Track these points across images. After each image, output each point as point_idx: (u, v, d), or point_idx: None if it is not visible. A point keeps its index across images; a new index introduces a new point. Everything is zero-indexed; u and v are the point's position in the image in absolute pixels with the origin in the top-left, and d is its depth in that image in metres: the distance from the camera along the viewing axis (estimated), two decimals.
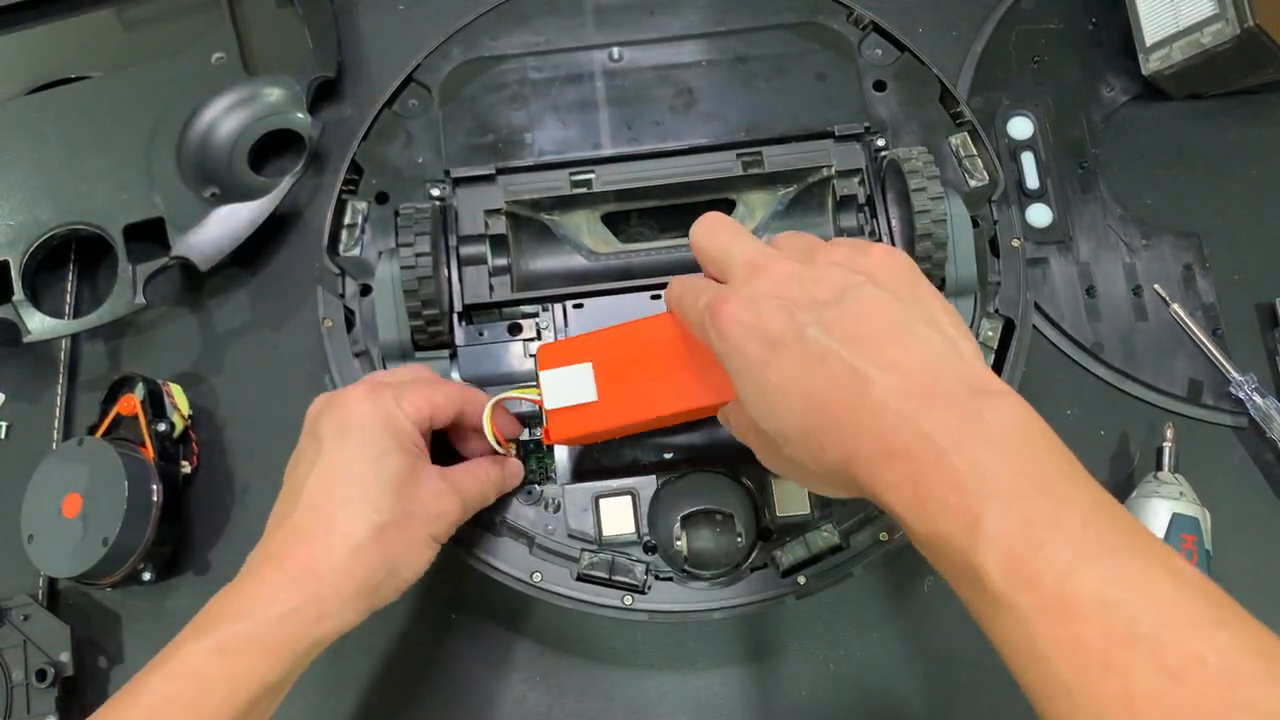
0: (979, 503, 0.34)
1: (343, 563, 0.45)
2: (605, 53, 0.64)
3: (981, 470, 0.35)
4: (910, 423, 0.36)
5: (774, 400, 0.40)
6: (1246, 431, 0.63)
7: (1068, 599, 0.32)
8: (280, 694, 0.46)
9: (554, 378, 0.50)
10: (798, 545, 0.55)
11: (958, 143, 0.61)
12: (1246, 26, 0.64)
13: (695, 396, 0.48)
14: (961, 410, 0.36)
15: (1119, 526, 0.34)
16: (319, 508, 0.47)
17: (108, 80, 0.71)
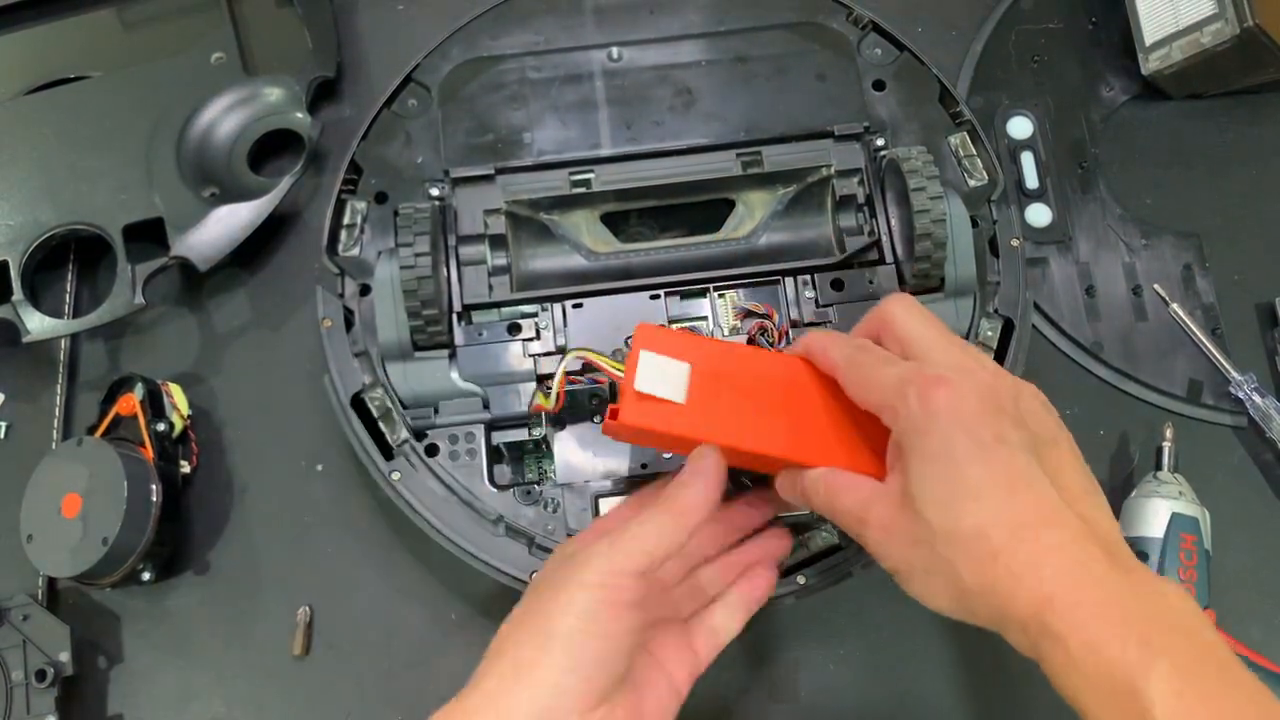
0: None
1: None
2: (605, 52, 0.64)
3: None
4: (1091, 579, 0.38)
5: (961, 495, 0.39)
6: (1246, 431, 0.63)
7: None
8: None
9: (651, 362, 0.47)
10: (798, 545, 0.54)
11: (957, 142, 0.61)
12: (1246, 26, 0.64)
13: (796, 448, 0.46)
14: (1138, 587, 0.38)
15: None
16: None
17: (108, 80, 0.71)
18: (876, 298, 0.57)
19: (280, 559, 0.62)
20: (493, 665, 0.43)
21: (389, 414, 0.57)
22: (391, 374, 0.57)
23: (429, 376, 0.57)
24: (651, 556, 0.43)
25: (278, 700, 0.59)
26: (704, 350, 0.48)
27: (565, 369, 0.53)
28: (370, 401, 0.57)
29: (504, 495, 0.56)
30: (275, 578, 0.61)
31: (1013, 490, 0.39)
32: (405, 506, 0.56)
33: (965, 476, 0.39)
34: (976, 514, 0.39)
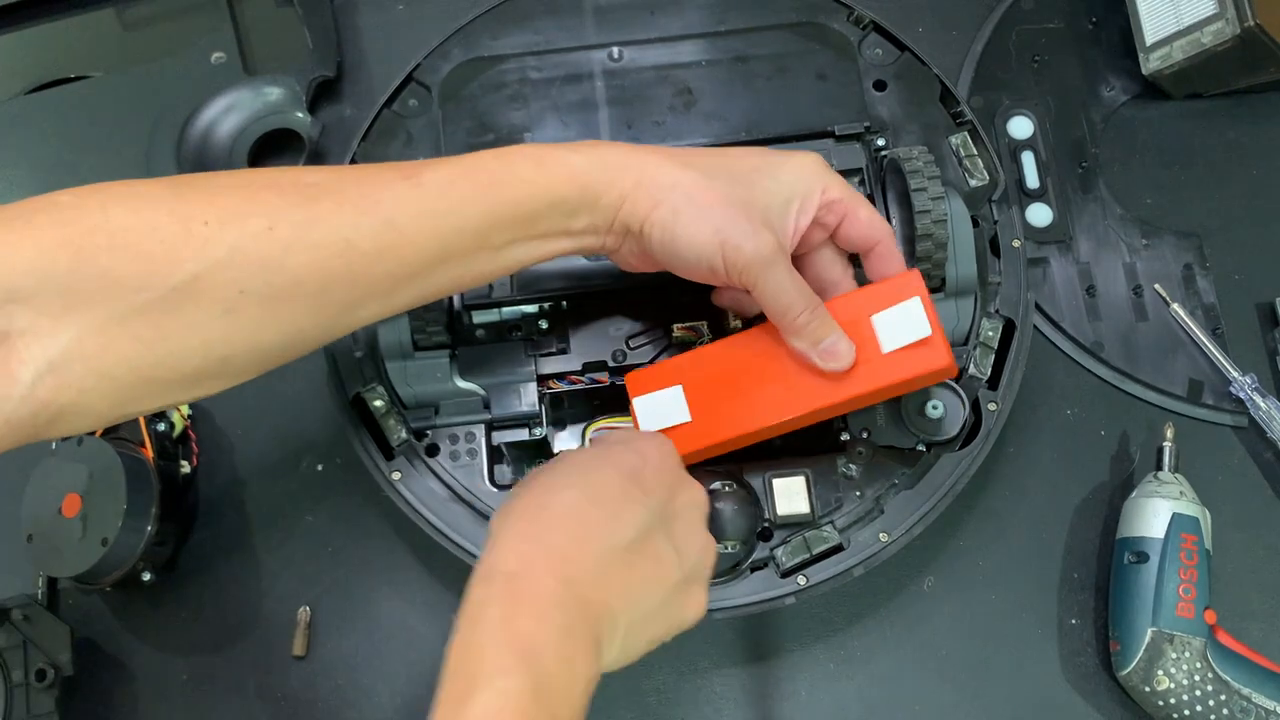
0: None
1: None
2: (605, 52, 0.64)
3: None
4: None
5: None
6: (1246, 431, 0.63)
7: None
8: None
9: (646, 403, 0.53)
10: (798, 545, 0.55)
11: (958, 142, 0.61)
12: (1246, 26, 0.64)
13: (793, 405, 0.50)
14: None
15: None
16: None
17: (108, 80, 0.71)
18: None
19: (280, 559, 0.62)
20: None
21: (389, 414, 0.57)
22: (391, 374, 0.57)
23: (429, 376, 0.57)
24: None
25: (278, 700, 0.59)
26: (685, 366, 0.53)
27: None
28: (370, 401, 0.57)
29: (504, 495, 0.55)
30: (275, 578, 0.61)
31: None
32: (405, 506, 0.56)
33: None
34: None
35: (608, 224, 0.47)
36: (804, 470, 0.56)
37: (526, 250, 0.47)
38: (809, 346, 0.49)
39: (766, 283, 0.47)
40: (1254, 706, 0.54)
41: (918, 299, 0.48)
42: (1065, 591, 0.60)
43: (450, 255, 0.45)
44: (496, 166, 0.46)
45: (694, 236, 0.46)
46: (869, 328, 0.49)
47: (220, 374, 0.43)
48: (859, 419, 0.56)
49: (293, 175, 0.44)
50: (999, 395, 0.58)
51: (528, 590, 0.41)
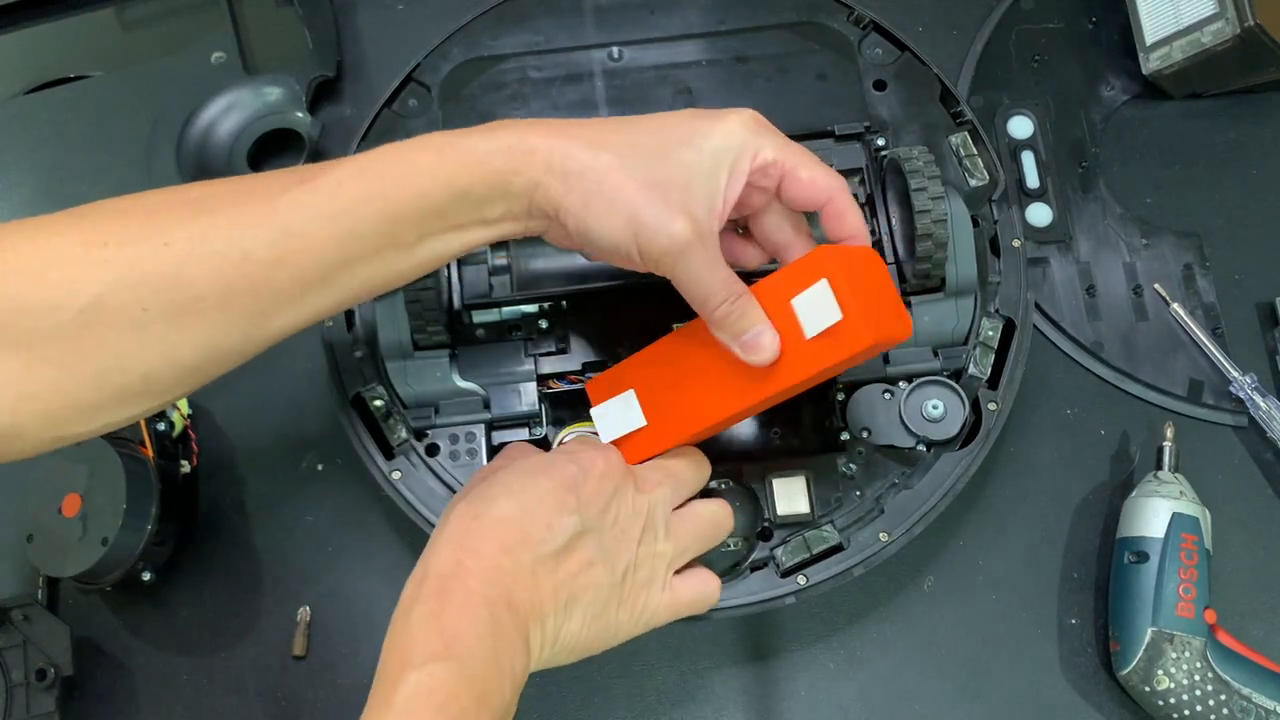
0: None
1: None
2: (605, 52, 0.64)
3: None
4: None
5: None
6: (1246, 431, 0.63)
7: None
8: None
9: (603, 411, 0.52)
10: (798, 545, 0.55)
11: (958, 142, 0.61)
12: (1246, 26, 0.64)
13: (736, 400, 0.48)
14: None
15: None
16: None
17: (108, 80, 0.71)
18: None
19: (280, 559, 0.62)
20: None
21: (389, 414, 0.57)
22: (391, 374, 0.57)
23: (429, 376, 0.57)
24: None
25: (278, 700, 0.59)
26: (638, 367, 0.52)
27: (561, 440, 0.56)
28: (370, 401, 0.57)
29: None
30: (275, 578, 0.61)
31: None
32: (406, 506, 0.56)
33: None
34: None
35: (524, 210, 0.46)
36: (804, 470, 0.56)
37: (444, 244, 0.46)
38: (730, 339, 0.46)
39: (683, 273, 0.45)
40: (1254, 706, 0.54)
41: (824, 281, 0.45)
42: (1065, 591, 0.60)
43: (354, 257, 0.44)
44: (394, 160, 0.44)
45: (606, 228, 0.44)
46: (791, 312, 0.46)
47: (146, 392, 0.44)
48: (858, 418, 0.56)
49: (191, 191, 0.45)
50: (999, 395, 0.58)
51: (457, 590, 0.43)
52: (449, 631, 0.42)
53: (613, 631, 0.48)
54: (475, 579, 0.44)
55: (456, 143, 0.45)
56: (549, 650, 0.46)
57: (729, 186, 0.45)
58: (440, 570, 0.44)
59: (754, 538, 0.54)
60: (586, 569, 0.46)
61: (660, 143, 0.45)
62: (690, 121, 0.46)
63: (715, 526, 0.51)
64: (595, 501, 0.47)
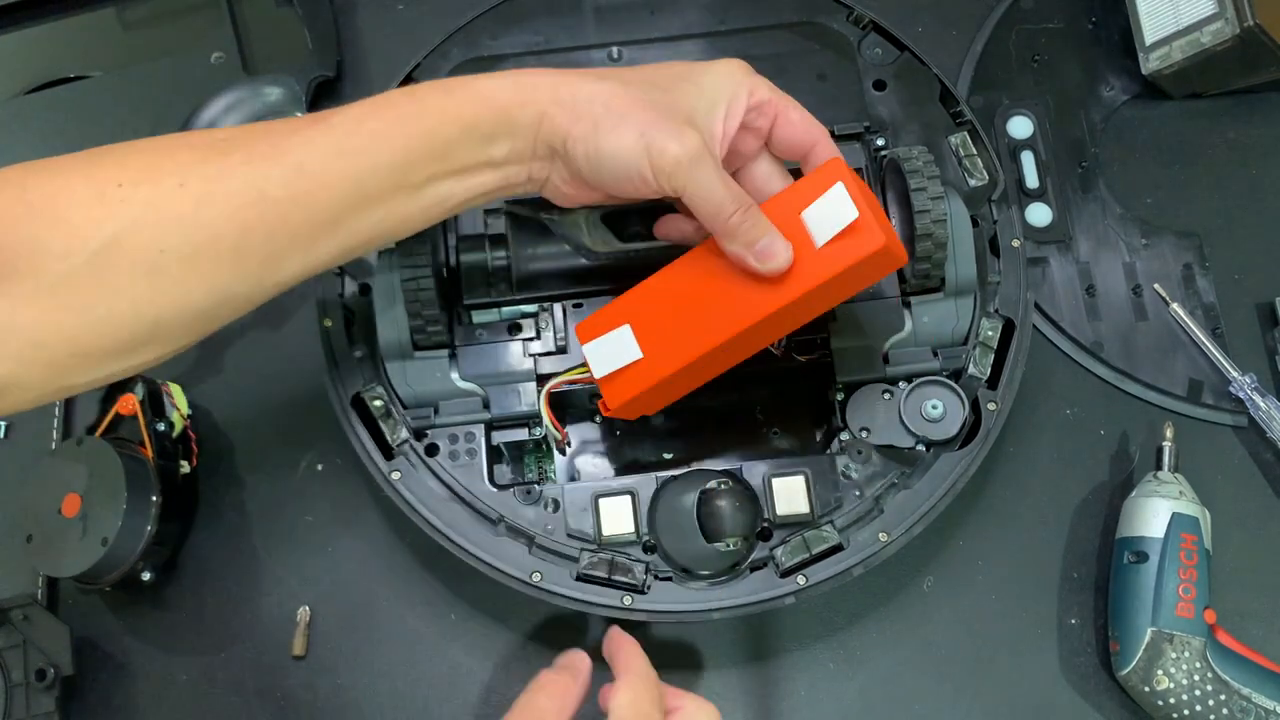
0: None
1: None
2: (605, 52, 0.64)
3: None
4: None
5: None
6: (1246, 431, 0.63)
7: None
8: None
9: (596, 347, 0.51)
10: (797, 545, 0.55)
11: (958, 142, 0.61)
12: (1246, 26, 0.64)
13: (741, 317, 0.48)
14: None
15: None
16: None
17: (108, 80, 0.71)
18: (877, 297, 0.58)
19: (280, 559, 0.62)
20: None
21: (389, 414, 0.57)
22: (391, 374, 0.57)
23: (429, 376, 0.57)
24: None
25: (278, 700, 0.59)
26: (630, 304, 0.51)
27: (546, 404, 0.55)
28: (370, 401, 0.57)
29: (504, 495, 0.56)
30: (275, 578, 0.61)
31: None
32: (405, 506, 0.56)
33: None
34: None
35: (530, 148, 0.46)
36: (804, 470, 0.56)
37: (448, 188, 0.46)
38: (744, 249, 0.46)
39: (696, 184, 0.45)
40: (1254, 706, 0.54)
41: (840, 185, 0.46)
42: (1065, 591, 0.60)
43: (367, 196, 0.44)
44: (405, 100, 0.45)
45: (617, 145, 0.45)
46: (801, 225, 0.47)
47: (152, 339, 0.43)
48: (858, 418, 0.56)
49: (205, 134, 0.45)
50: (999, 395, 0.58)
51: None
52: None
53: None
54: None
55: (466, 83, 0.46)
56: None
57: (728, 120, 0.47)
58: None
59: (754, 538, 0.54)
60: None
61: (660, 76, 0.47)
62: (689, 65, 0.49)
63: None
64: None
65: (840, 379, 0.57)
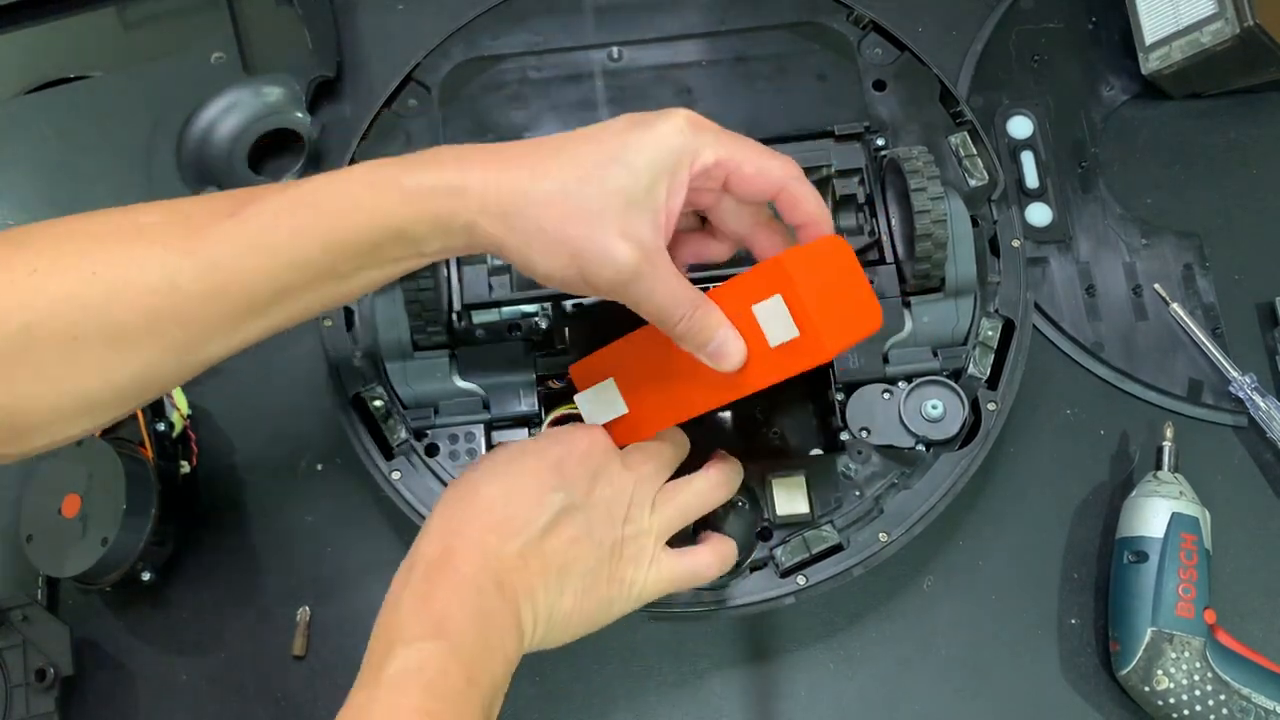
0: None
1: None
2: (605, 52, 0.64)
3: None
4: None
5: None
6: (1246, 431, 0.63)
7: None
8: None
9: (586, 398, 0.53)
10: (798, 545, 0.55)
11: (957, 142, 0.61)
12: (1246, 26, 0.64)
13: (711, 398, 0.48)
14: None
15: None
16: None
17: (108, 80, 0.71)
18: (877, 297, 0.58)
19: (280, 559, 0.62)
20: None
21: (389, 414, 0.57)
22: (391, 374, 0.57)
23: (429, 376, 0.57)
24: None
25: (277, 700, 0.59)
26: (615, 355, 0.52)
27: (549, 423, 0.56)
28: (370, 401, 0.57)
29: None
30: (275, 578, 0.61)
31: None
32: (405, 506, 0.56)
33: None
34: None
35: (464, 246, 0.45)
36: (804, 470, 0.56)
37: (381, 273, 0.45)
38: (696, 350, 0.46)
39: (635, 297, 0.44)
40: (1254, 706, 0.54)
41: (778, 297, 0.44)
42: (1065, 591, 0.60)
43: (288, 288, 0.44)
44: (329, 194, 0.44)
45: (550, 267, 0.43)
46: (754, 317, 0.45)
47: (88, 411, 0.44)
48: (858, 418, 0.56)
49: (125, 218, 0.44)
50: (998, 395, 0.58)
51: (446, 573, 0.44)
52: (438, 613, 0.43)
53: (605, 607, 0.48)
54: (463, 562, 0.44)
55: (391, 178, 0.44)
56: (542, 629, 0.46)
57: (670, 199, 0.44)
58: (429, 556, 0.45)
59: (753, 537, 0.54)
60: (572, 545, 0.46)
61: (596, 165, 0.44)
62: (623, 135, 0.44)
63: (702, 497, 0.51)
64: (579, 479, 0.48)
65: (840, 379, 0.57)
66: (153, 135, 0.68)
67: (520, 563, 0.45)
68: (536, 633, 0.46)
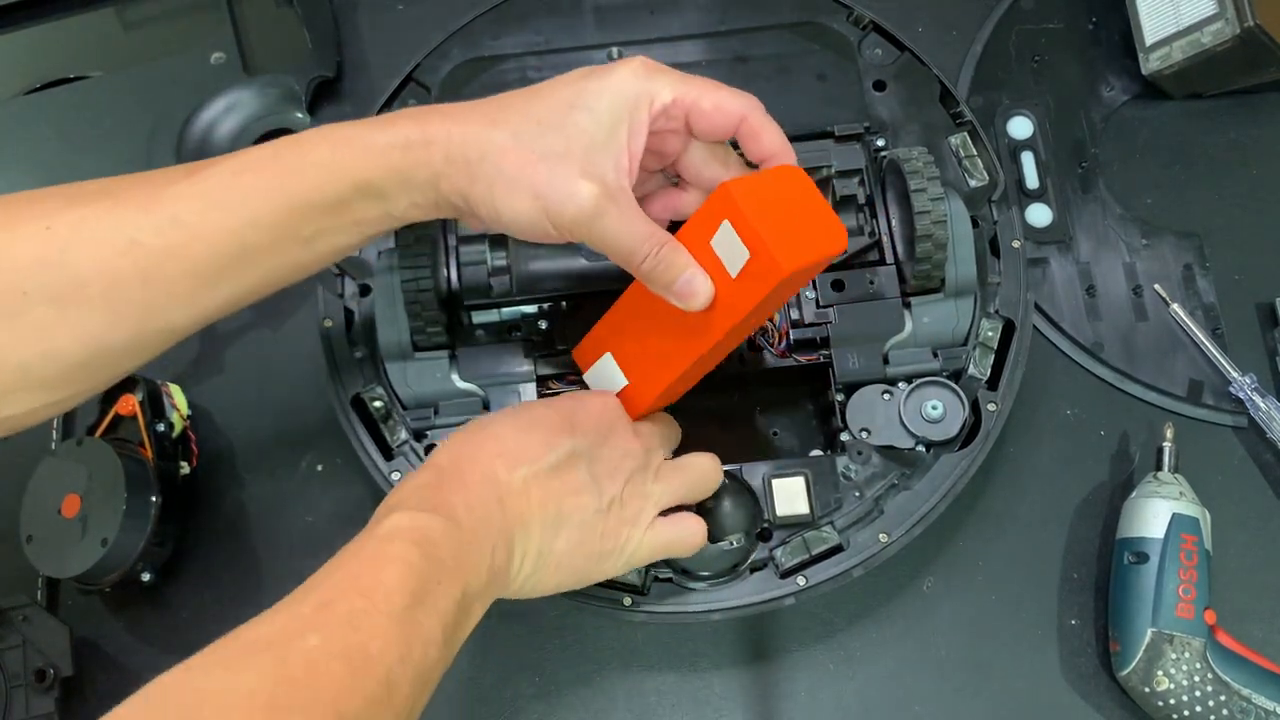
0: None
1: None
2: (605, 52, 0.64)
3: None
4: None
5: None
6: (1246, 431, 0.63)
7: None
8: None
9: (592, 376, 0.53)
10: (798, 546, 0.55)
11: (958, 143, 0.61)
12: (1246, 26, 0.64)
13: (693, 346, 0.48)
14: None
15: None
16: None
17: (108, 80, 0.71)
18: (877, 298, 0.58)
19: (280, 559, 0.62)
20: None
21: (389, 415, 0.57)
22: (391, 374, 0.57)
23: (429, 377, 0.57)
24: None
25: None
26: (609, 327, 0.52)
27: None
28: (370, 402, 0.57)
29: None
30: (275, 578, 0.61)
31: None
32: None
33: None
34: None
35: (431, 202, 0.45)
36: (804, 471, 0.56)
37: (346, 236, 0.45)
38: (663, 290, 0.46)
39: (600, 236, 0.44)
40: (1254, 707, 0.54)
41: (726, 222, 0.44)
42: (1065, 591, 0.60)
43: (251, 248, 0.43)
44: (289, 152, 0.44)
45: (515, 208, 0.44)
46: (714, 253, 0.45)
47: (21, 386, 0.42)
48: (858, 419, 0.56)
49: (78, 185, 0.44)
50: (999, 395, 0.58)
51: (453, 478, 0.44)
52: (441, 499, 0.43)
53: (596, 562, 0.48)
54: (470, 475, 0.45)
55: (353, 136, 0.44)
56: (529, 566, 0.46)
57: (631, 140, 0.45)
58: (438, 464, 0.46)
59: (754, 538, 0.54)
60: (575, 493, 0.47)
61: (553, 111, 0.44)
62: (580, 82, 0.45)
63: (705, 477, 0.52)
64: (590, 433, 0.48)
65: (840, 379, 0.57)
66: (153, 135, 0.68)
67: (523, 490, 0.45)
68: (523, 569, 0.45)
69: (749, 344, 0.58)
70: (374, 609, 0.38)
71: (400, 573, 0.40)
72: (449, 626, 0.41)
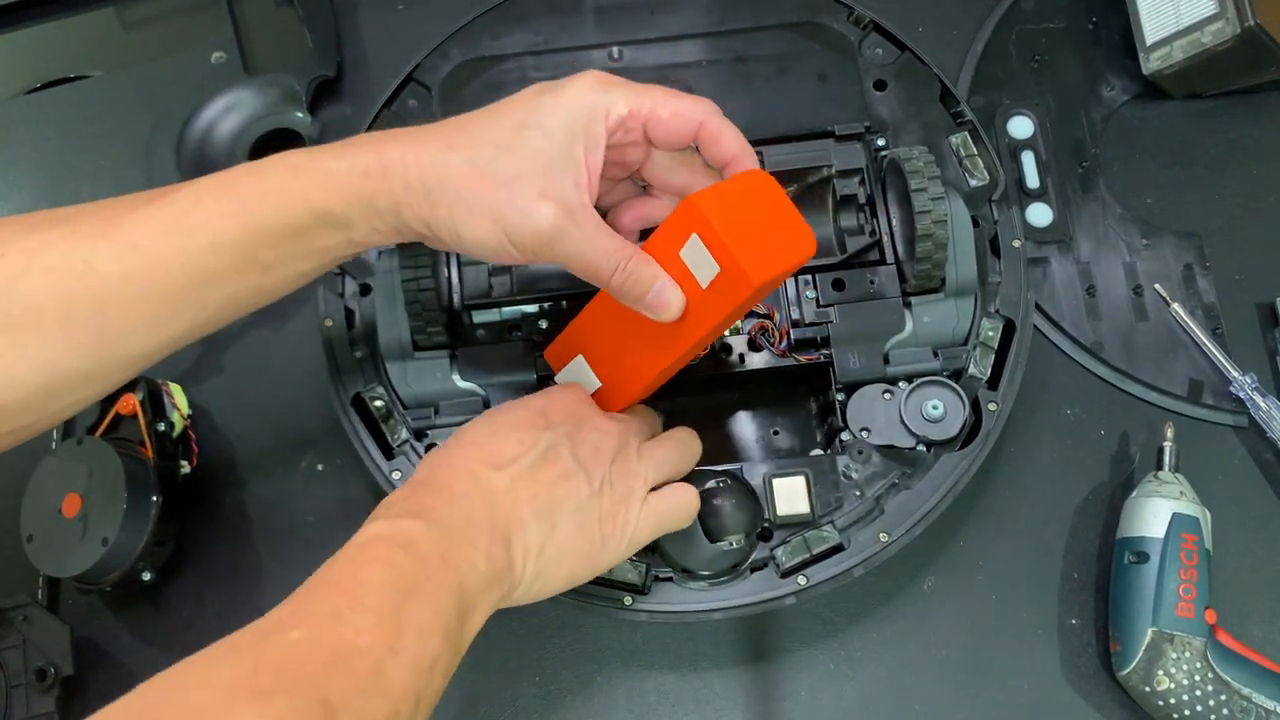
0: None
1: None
2: (605, 52, 0.64)
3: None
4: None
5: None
6: (1246, 431, 0.63)
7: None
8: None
9: (564, 378, 0.53)
10: (798, 545, 0.55)
11: (958, 142, 0.61)
12: (1247, 26, 0.64)
13: (664, 353, 0.48)
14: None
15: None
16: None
17: (108, 80, 0.71)
18: (878, 298, 0.58)
19: (280, 559, 0.62)
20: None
21: (389, 414, 0.57)
22: (392, 374, 0.57)
23: (429, 376, 0.57)
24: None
25: None
26: (580, 330, 0.52)
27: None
28: (370, 401, 0.57)
29: None
30: (275, 578, 0.61)
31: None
32: None
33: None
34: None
35: (393, 229, 0.45)
36: (804, 470, 0.56)
37: (308, 262, 0.45)
38: (634, 303, 0.46)
39: (563, 256, 0.44)
40: (1254, 706, 0.54)
41: (695, 236, 0.44)
42: (1065, 591, 0.60)
43: (211, 274, 0.43)
44: (248, 178, 0.44)
45: (476, 233, 0.44)
46: (684, 264, 0.45)
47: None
48: (858, 418, 0.56)
49: (38, 213, 0.44)
50: (999, 395, 0.58)
51: (433, 486, 0.44)
52: (418, 505, 0.43)
53: (599, 547, 0.47)
54: (450, 481, 0.45)
55: (312, 163, 0.44)
56: (533, 563, 0.45)
57: (589, 156, 0.44)
58: (417, 478, 0.46)
59: (754, 537, 0.54)
60: (563, 480, 0.46)
61: (508, 132, 0.44)
62: (534, 100, 0.45)
63: (686, 447, 0.52)
64: (565, 422, 0.48)
65: (840, 379, 0.57)
66: (153, 135, 0.68)
67: (510, 490, 0.45)
68: (529, 567, 0.45)
69: (749, 344, 0.58)
70: (358, 605, 0.39)
71: (382, 572, 0.40)
72: (449, 619, 0.40)
